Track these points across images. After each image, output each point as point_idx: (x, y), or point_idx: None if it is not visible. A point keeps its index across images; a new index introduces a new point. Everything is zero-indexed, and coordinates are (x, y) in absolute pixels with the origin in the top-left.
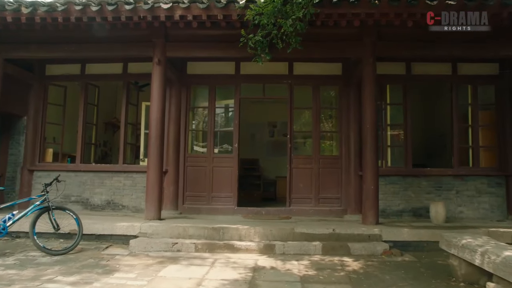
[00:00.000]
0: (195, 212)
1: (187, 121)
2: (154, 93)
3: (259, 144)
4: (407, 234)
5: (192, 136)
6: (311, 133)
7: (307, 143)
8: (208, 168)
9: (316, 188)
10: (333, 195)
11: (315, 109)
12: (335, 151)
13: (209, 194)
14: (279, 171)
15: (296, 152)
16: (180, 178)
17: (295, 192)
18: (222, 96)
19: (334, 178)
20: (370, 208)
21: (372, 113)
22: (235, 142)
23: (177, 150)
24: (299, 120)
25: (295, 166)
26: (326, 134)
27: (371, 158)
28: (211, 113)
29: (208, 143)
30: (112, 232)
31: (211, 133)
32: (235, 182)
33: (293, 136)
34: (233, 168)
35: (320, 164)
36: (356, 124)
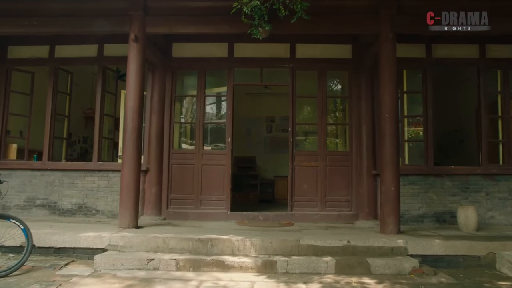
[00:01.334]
0: (182, 217)
1: (173, 112)
2: (130, 76)
3: (255, 141)
4: (439, 246)
5: (178, 130)
6: (316, 126)
7: (312, 138)
8: (196, 166)
9: (323, 189)
10: (342, 197)
11: (320, 98)
12: (344, 147)
13: (198, 196)
14: (278, 170)
15: (299, 148)
16: (164, 178)
17: (298, 194)
18: (213, 83)
19: (343, 178)
20: (390, 213)
21: (393, 99)
22: (228, 136)
23: (160, 145)
24: (302, 111)
25: (298, 164)
26: (334, 127)
27: (391, 154)
28: (200, 102)
29: (197, 137)
30: (75, 245)
31: (200, 126)
32: (228, 182)
33: (295, 129)
34: (226, 167)
35: (327, 162)
36: (368, 114)
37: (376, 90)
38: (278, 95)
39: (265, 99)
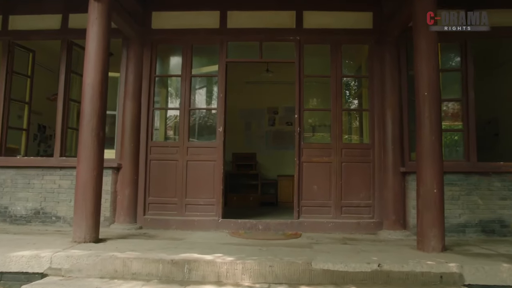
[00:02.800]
0: (162, 225)
1: (152, 96)
2: (90, 45)
3: (256, 135)
4: (508, 273)
5: (159, 118)
6: (329, 112)
7: (324, 127)
8: (180, 162)
9: (337, 191)
10: (362, 201)
11: (334, 78)
12: (365, 138)
13: (182, 200)
14: (282, 169)
15: (308, 139)
16: (141, 177)
17: (306, 197)
18: (201, 60)
19: (363, 177)
20: (433, 224)
21: (432, 72)
22: (220, 126)
23: (136, 137)
24: (311, 95)
25: (306, 160)
26: (351, 113)
27: (432, 145)
28: (185, 84)
29: (181, 127)
30: (3, 268)
31: (185, 113)
32: (219, 182)
33: (302, 117)
34: (217, 163)
35: (342, 157)
36: (394, 97)
37: (403, 68)
38: (282, 83)
39: (267, 88)
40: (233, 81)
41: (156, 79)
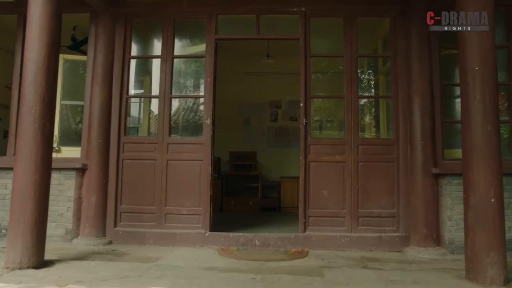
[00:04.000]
0: (137, 240)
1: (125, 81)
2: (33, 7)
3: (256, 132)
4: None
5: (134, 107)
6: (342, 100)
7: (336, 119)
8: (159, 162)
9: (353, 197)
10: (384, 210)
11: (348, 58)
12: (386, 132)
13: (161, 208)
14: (285, 170)
15: (317, 134)
16: (111, 180)
17: (315, 205)
18: (185, 38)
19: (384, 180)
20: (489, 246)
21: (486, 39)
22: (208, 117)
23: (105, 130)
24: (320, 79)
25: (314, 158)
26: (370, 102)
27: (488, 137)
28: (166, 67)
29: (160, 118)
30: None
31: (165, 101)
32: (207, 187)
33: (309, 106)
34: (204, 163)
35: (359, 154)
36: (424, 81)
37: (435, 45)
38: (285, 74)
39: (268, 79)
40: (230, 72)
41: (131, 61)
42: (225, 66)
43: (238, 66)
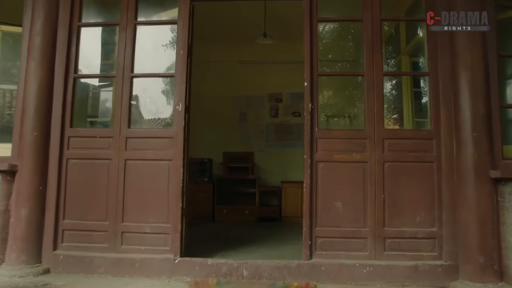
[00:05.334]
0: (83, 268)
1: (72, 58)
2: None
3: (254, 130)
4: None
5: (81, 90)
6: (361, 79)
7: (352, 105)
8: (115, 162)
9: (378, 210)
10: (420, 228)
11: (369, 23)
12: (421, 122)
13: (116, 225)
14: (287, 173)
15: (327, 125)
16: (51, 187)
17: (324, 221)
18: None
19: (420, 186)
20: None
21: None
22: (179, 101)
23: (44, 120)
24: (329, 51)
25: (324, 157)
26: (397, 80)
27: None
28: (126, 37)
29: (117, 104)
30: None
31: (124, 81)
32: (178, 195)
33: (317, 85)
34: (174, 163)
35: (385, 152)
36: (475, 52)
37: (488, 5)
38: (287, 63)
39: (267, 68)
40: (223, 61)
41: (81, 29)
42: (217, 54)
43: (232, 54)
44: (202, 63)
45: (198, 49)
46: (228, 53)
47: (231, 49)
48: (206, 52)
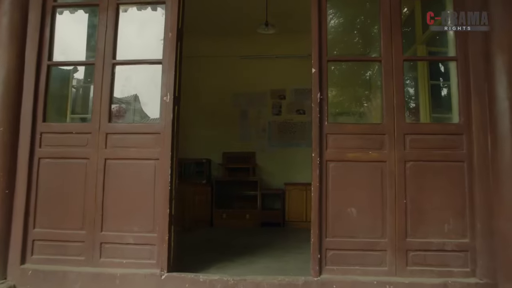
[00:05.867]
0: (55, 284)
1: (45, 41)
2: None
3: (255, 128)
4: None
5: (62, 83)
6: (378, 64)
7: (367, 94)
8: (94, 162)
9: (398, 217)
10: (449, 239)
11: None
12: (447, 113)
13: (94, 234)
14: (291, 174)
15: (338, 117)
16: (19, 191)
17: (336, 230)
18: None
19: (449, 190)
20: None
21: None
22: (167, 92)
23: (11, 114)
24: (340, 31)
25: (335, 156)
26: (418, 65)
27: None
28: (106, 18)
29: (96, 95)
30: None
31: (104, 68)
32: (165, 200)
33: (326, 72)
34: (161, 162)
35: (407, 149)
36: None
37: None
38: (291, 57)
39: (269, 64)
40: (222, 55)
41: (56, 10)
42: (216, 49)
43: (232, 48)
44: (200, 58)
45: (196, 43)
46: (228, 47)
47: (231, 43)
48: (204, 46)
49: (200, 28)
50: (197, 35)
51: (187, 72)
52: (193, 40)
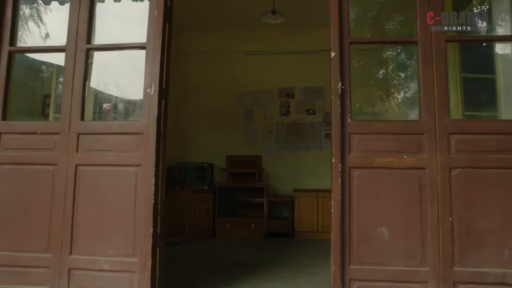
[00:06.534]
0: None
1: (6, 23)
2: None
3: (261, 129)
4: None
5: (35, 77)
6: (413, 47)
7: (396, 85)
8: (61, 168)
9: (442, 240)
10: (511, 269)
11: None
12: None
13: (61, 258)
14: (300, 179)
15: (363, 114)
16: None
17: (362, 255)
18: None
19: (509, 205)
20: None
21: None
22: (150, 83)
23: None
24: None
25: (360, 162)
26: (449, 54)
27: None
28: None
29: (66, 88)
30: None
31: (76, 55)
32: (148, 216)
33: (348, 58)
34: (143, 169)
35: (452, 152)
36: None
37: None
38: (300, 53)
39: (276, 59)
40: (226, 51)
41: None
42: (219, 44)
43: (236, 44)
44: (202, 55)
45: (196, 38)
46: (231, 43)
47: (235, 38)
48: (206, 42)
49: (201, 22)
50: (198, 30)
51: (187, 69)
52: (193, 35)
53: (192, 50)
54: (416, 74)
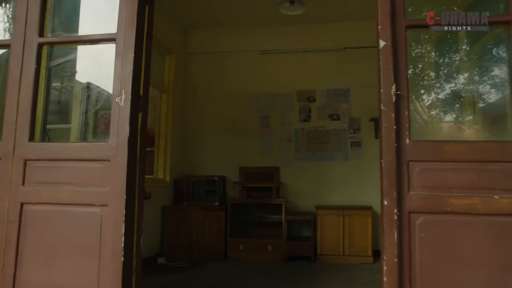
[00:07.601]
0: None
1: None
2: None
3: (279, 138)
4: None
5: None
6: (500, 33)
7: (472, 90)
8: (2, 209)
9: None
10: None
11: None
12: None
13: None
14: (323, 194)
15: (429, 131)
16: None
17: None
18: None
19: None
20: None
21: None
22: (121, 90)
23: None
24: None
25: (427, 205)
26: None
27: None
28: None
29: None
30: None
31: (25, 52)
32: (117, 277)
33: (405, 49)
34: (110, 210)
35: None
36: None
37: None
38: (321, 51)
39: (295, 59)
40: (240, 51)
41: None
42: (231, 43)
43: (251, 42)
44: (212, 55)
45: (205, 37)
46: (246, 41)
47: (249, 35)
48: (216, 40)
49: (210, 18)
50: (207, 27)
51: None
52: (201, 33)
53: (200, 50)
54: (508, 71)
